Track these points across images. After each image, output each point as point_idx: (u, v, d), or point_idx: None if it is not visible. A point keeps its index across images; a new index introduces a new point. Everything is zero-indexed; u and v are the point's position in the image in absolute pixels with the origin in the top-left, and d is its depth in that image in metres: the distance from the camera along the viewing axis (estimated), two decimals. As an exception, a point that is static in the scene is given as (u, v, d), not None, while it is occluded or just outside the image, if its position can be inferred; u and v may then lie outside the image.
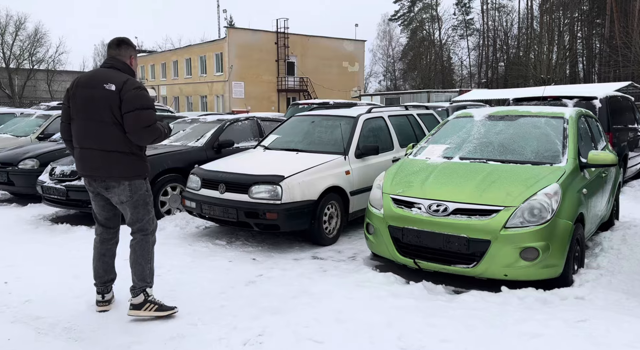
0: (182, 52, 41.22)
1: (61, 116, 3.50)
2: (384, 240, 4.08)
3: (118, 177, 3.27)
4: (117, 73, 3.30)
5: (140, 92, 3.26)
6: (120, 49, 3.39)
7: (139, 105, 3.21)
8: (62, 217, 6.49)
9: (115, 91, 3.19)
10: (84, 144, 3.28)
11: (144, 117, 3.21)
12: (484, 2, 57.84)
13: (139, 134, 3.21)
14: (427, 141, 5.03)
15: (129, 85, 3.22)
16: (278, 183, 4.87)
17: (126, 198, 3.31)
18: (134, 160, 3.31)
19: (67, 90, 3.38)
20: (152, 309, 3.28)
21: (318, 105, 11.09)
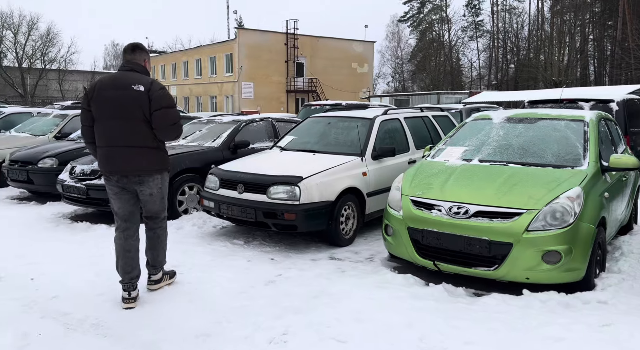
0: (192, 53, 41.45)
1: (82, 120, 3.63)
2: (403, 242, 4.10)
3: (150, 171, 3.55)
4: (139, 75, 3.55)
5: (166, 93, 3.57)
6: (135, 54, 3.64)
7: (165, 104, 3.49)
8: (81, 216, 6.57)
9: (144, 91, 3.45)
10: (114, 142, 3.48)
11: (171, 115, 3.51)
12: (494, 4, 57.74)
13: (165, 130, 3.51)
14: (445, 143, 5.04)
15: (155, 86, 3.52)
16: (296, 184, 4.90)
17: (157, 190, 3.63)
18: (161, 154, 3.62)
19: (86, 95, 3.54)
20: (166, 280, 3.91)
21: (331, 106, 11.12)
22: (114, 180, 3.56)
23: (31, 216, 6.36)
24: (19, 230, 5.66)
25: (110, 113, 3.46)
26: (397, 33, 63.13)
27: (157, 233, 3.78)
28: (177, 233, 5.62)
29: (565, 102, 7.93)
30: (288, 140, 6.29)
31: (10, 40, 46.79)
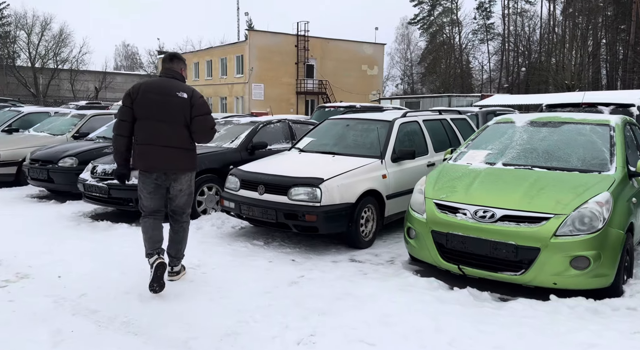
0: (203, 54, 41.65)
1: (121, 116, 3.91)
2: (427, 245, 4.09)
3: (185, 170, 3.94)
4: (181, 83, 3.94)
5: (205, 101, 3.99)
6: (173, 63, 3.98)
7: (205, 111, 3.90)
8: (101, 215, 6.62)
9: (187, 98, 3.83)
10: (157, 142, 3.81)
11: (209, 121, 3.92)
12: (505, 7, 57.54)
13: (204, 133, 3.91)
14: (467, 146, 5.03)
15: (196, 94, 3.92)
16: (317, 185, 4.91)
17: (187, 186, 4.00)
18: (194, 155, 4.00)
19: (129, 95, 3.88)
20: (183, 271, 4.19)
21: (345, 108, 11.12)
22: (152, 177, 3.88)
23: (52, 215, 6.41)
24: (41, 228, 5.72)
25: (155, 115, 3.80)
26: (406, 35, 63.07)
27: (183, 226, 4.12)
28: (197, 233, 5.65)
29: (584, 106, 7.88)
30: (307, 142, 6.30)
31: (24, 40, 47.42)
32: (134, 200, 5.92)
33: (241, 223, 6.10)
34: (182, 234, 4.11)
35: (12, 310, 3.41)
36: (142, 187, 3.93)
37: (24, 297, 3.63)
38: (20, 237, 5.32)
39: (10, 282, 3.95)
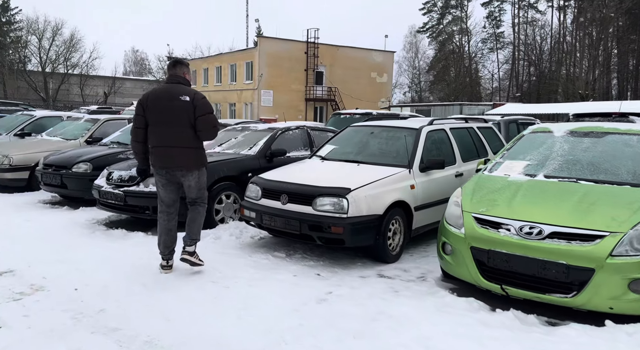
0: (212, 60, 41.68)
1: (135, 123, 4.36)
2: (465, 263, 3.84)
3: (191, 167, 4.29)
4: (184, 87, 4.28)
5: (207, 101, 4.33)
6: (176, 69, 4.37)
7: (207, 111, 4.25)
8: (115, 222, 6.42)
9: (190, 101, 4.19)
10: (166, 143, 4.22)
11: (211, 120, 4.28)
12: (515, 16, 57.36)
13: (207, 132, 4.26)
14: (503, 156, 4.79)
15: (198, 96, 4.27)
16: (344, 196, 4.68)
17: (195, 182, 4.37)
18: (201, 153, 4.36)
19: (140, 103, 4.32)
20: (198, 259, 4.40)
21: (361, 115, 10.91)
22: (163, 173, 4.32)
23: (65, 221, 6.22)
24: (55, 235, 5.52)
25: (164, 119, 4.22)
26: (414, 43, 62.96)
27: (198, 209, 4.47)
28: (215, 243, 5.44)
29: (614, 116, 7.63)
30: (329, 150, 6.08)
31: (35, 45, 47.69)
32: (151, 208, 5.72)
33: (260, 233, 5.87)
34: (197, 215, 4.46)
35: (28, 327, 3.20)
36: (156, 181, 4.43)
37: (40, 312, 3.41)
38: (34, 244, 5.13)
39: (25, 294, 3.74)
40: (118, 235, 5.69)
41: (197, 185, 4.38)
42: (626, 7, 39.34)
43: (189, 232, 4.43)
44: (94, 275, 4.17)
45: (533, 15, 56.94)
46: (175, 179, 4.32)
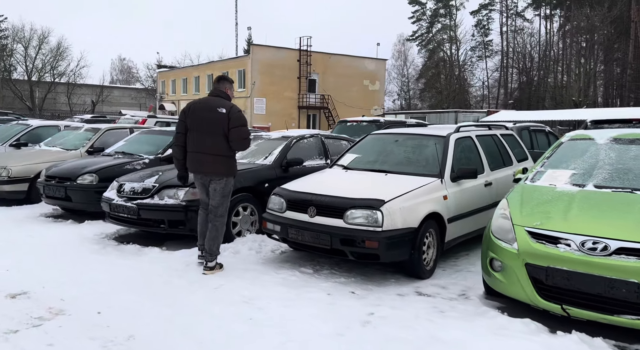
0: (204, 68, 41.36)
1: (177, 128, 4.86)
2: (519, 281, 3.58)
3: (220, 174, 4.65)
4: (223, 100, 4.70)
5: (241, 114, 4.71)
6: (219, 84, 4.82)
7: (240, 123, 4.63)
8: (125, 236, 6.07)
9: (226, 113, 4.59)
10: (203, 150, 4.63)
11: (243, 132, 4.65)
12: (504, 24, 58.02)
13: (239, 142, 4.63)
14: (544, 165, 4.57)
15: (234, 109, 4.66)
16: (378, 208, 4.42)
17: (220, 188, 4.67)
18: (231, 162, 4.72)
19: (184, 111, 4.80)
20: (218, 269, 4.67)
21: (368, 123, 10.69)
22: (198, 177, 4.75)
23: (72, 236, 5.85)
24: (64, 252, 5.17)
25: (200, 128, 4.64)
26: (403, 52, 63.29)
27: (216, 226, 4.69)
28: (235, 258, 5.16)
29: (634, 123, 7.50)
30: (350, 159, 5.81)
31: (21, 53, 46.91)
32: (167, 222, 5.40)
33: (280, 246, 5.58)
34: (215, 232, 4.67)
35: (54, 359, 2.87)
36: (195, 182, 4.85)
37: (65, 340, 3.09)
38: (43, 262, 4.77)
39: (45, 319, 3.41)
40: (131, 250, 5.35)
41: (221, 191, 4.66)
42: (614, 16, 39.93)
43: (209, 249, 4.66)
44: (115, 297, 3.85)
45: (521, 24, 57.78)
46: (206, 183, 4.72)
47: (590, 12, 39.58)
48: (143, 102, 55.31)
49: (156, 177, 5.70)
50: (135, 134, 8.45)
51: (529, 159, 6.93)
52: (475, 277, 4.76)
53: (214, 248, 4.67)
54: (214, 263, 4.67)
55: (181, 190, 5.47)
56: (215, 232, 4.68)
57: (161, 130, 8.63)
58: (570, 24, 50.20)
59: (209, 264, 4.64)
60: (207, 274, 4.57)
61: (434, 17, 61.39)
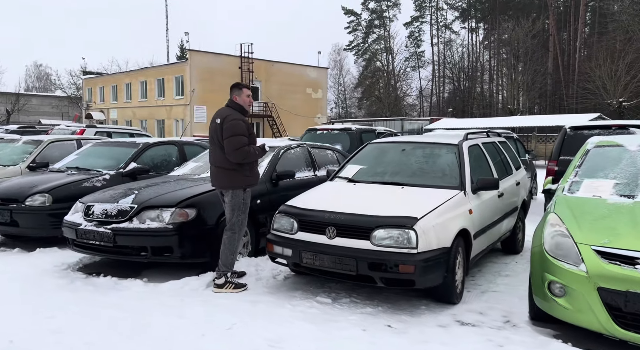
0: (136, 75, 39.23)
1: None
2: (590, 307, 3.18)
3: (224, 187, 4.49)
4: (226, 109, 4.56)
5: (233, 123, 4.40)
6: (231, 92, 4.65)
7: (230, 134, 4.36)
8: (90, 266, 5.13)
9: (220, 123, 4.45)
10: (210, 162, 4.63)
11: (233, 142, 4.35)
12: (434, 36, 60.23)
13: (232, 154, 4.37)
14: (577, 175, 4.28)
15: (228, 118, 4.43)
16: (411, 226, 3.90)
17: (229, 201, 4.47)
18: (232, 174, 4.44)
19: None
20: (231, 288, 4.37)
21: (339, 131, 10.18)
22: (217, 191, 4.65)
23: (28, 269, 4.82)
24: (25, 291, 4.20)
25: (209, 140, 4.65)
26: (339, 61, 63.93)
27: (225, 240, 4.44)
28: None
29: (614, 128, 7.57)
30: (354, 171, 5.26)
31: None
32: (150, 249, 4.57)
33: (280, 270, 4.93)
34: (224, 245, 4.44)
35: None
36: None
37: None
38: (3, 307, 3.79)
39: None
40: (107, 284, 4.46)
41: (230, 204, 4.45)
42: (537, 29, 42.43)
43: (219, 263, 4.46)
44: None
45: (449, 36, 60.26)
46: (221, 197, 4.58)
47: (516, 26, 41.86)
48: (66, 111, 51.53)
49: (133, 197, 4.84)
50: (88, 146, 7.41)
51: (521, 167, 6.73)
52: (507, 298, 4.38)
53: (222, 263, 4.42)
54: (223, 280, 4.40)
55: (166, 211, 4.66)
56: (223, 246, 4.44)
57: (119, 141, 7.66)
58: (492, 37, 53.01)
59: (216, 281, 4.41)
60: (217, 292, 4.33)
61: (369, 28, 62.60)
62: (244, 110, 4.60)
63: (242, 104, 4.57)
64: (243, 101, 4.58)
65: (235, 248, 4.47)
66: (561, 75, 46.37)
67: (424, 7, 60.93)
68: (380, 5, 60.91)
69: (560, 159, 7.86)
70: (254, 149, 4.46)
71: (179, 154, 7.67)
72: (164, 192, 4.96)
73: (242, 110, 4.57)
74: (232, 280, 4.45)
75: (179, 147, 7.73)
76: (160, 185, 5.25)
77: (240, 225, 4.48)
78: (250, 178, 4.51)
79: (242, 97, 4.58)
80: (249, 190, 4.57)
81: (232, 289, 4.35)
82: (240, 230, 4.49)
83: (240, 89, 4.61)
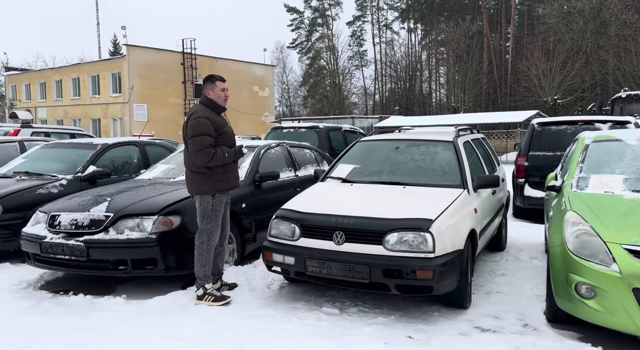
0: (67, 71, 36.73)
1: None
2: (624, 309, 3.06)
3: (192, 191, 4.09)
4: (195, 106, 4.11)
5: (196, 121, 3.94)
6: (203, 86, 4.17)
7: (191, 134, 3.93)
8: (53, 283, 4.53)
9: (185, 123, 4.05)
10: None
11: (195, 144, 3.91)
12: (375, 36, 61.15)
13: (195, 156, 3.93)
14: (582, 170, 4.22)
15: (191, 117, 3.99)
16: (427, 229, 3.66)
17: (197, 207, 4.05)
18: (200, 178, 4.00)
19: None
20: (210, 300, 3.99)
21: (307, 129, 9.84)
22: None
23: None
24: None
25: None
26: (281, 59, 63.41)
27: (195, 247, 4.04)
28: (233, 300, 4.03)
29: (580, 124, 7.78)
30: (347, 170, 4.96)
31: None
32: (130, 262, 4.04)
33: (273, 279, 4.56)
34: (194, 257, 4.05)
35: None
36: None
37: None
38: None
39: None
40: (81, 305, 3.90)
41: (198, 211, 4.04)
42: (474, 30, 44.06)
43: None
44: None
45: (390, 36, 61.42)
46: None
47: (454, 26, 43.26)
48: (-16, 111, 47.52)
49: (106, 204, 4.28)
50: (37, 148, 6.63)
51: (501, 163, 6.72)
52: (515, 299, 4.26)
53: (196, 272, 4.05)
54: (201, 291, 4.03)
55: (147, 220, 4.15)
56: (195, 253, 4.04)
57: (72, 143, 6.96)
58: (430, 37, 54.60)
59: (197, 293, 4.05)
60: (198, 304, 3.98)
61: (312, 26, 62.50)
62: (217, 107, 4.09)
63: (215, 100, 4.06)
64: (217, 96, 4.06)
65: (206, 259, 4.05)
66: (495, 74, 48.45)
67: (365, 6, 61.63)
68: (323, 3, 60.96)
69: (530, 155, 8.01)
70: (223, 151, 3.97)
71: (141, 155, 7.05)
72: (141, 199, 4.42)
73: (214, 107, 4.07)
74: (212, 292, 4.05)
75: (140, 148, 7.10)
76: (135, 191, 4.70)
77: (209, 233, 4.03)
78: (222, 183, 4.03)
79: (215, 91, 4.06)
80: (221, 196, 4.07)
81: (211, 302, 3.97)
82: (209, 238, 4.03)
83: (213, 82, 4.08)
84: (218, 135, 4.01)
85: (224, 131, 4.07)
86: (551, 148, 7.73)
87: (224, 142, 4.07)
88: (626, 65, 27.54)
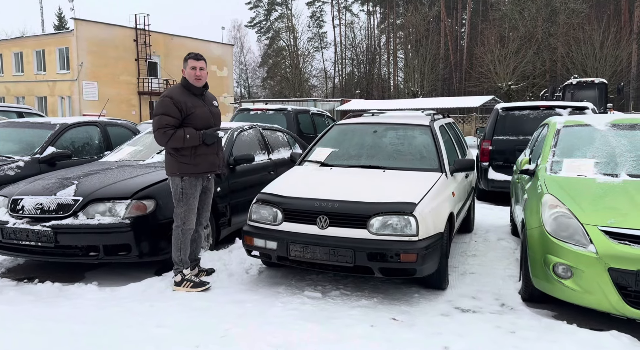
0: (8, 45, 34.50)
1: None
2: (600, 288, 3.19)
3: (167, 172, 3.99)
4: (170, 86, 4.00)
5: (159, 101, 3.93)
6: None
7: (156, 112, 3.91)
8: (15, 270, 4.29)
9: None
10: None
11: (155, 122, 3.87)
12: (335, 17, 60.78)
13: (155, 135, 3.89)
14: (554, 154, 4.35)
15: (161, 95, 3.96)
16: (411, 213, 3.68)
17: (171, 189, 3.95)
18: (169, 159, 3.95)
19: None
20: (189, 286, 3.91)
21: (275, 111, 9.65)
22: None
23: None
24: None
25: None
26: (239, 38, 62.03)
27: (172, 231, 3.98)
28: (214, 286, 3.94)
29: (542, 109, 8.02)
30: (325, 154, 4.90)
31: None
32: (102, 248, 3.85)
33: (251, 263, 4.49)
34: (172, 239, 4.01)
35: None
36: None
37: None
38: None
39: None
40: (51, 293, 3.69)
41: (173, 194, 3.95)
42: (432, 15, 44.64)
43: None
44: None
45: (350, 18, 61.19)
46: None
47: (414, 10, 43.62)
48: None
49: (74, 188, 4.04)
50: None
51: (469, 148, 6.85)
52: (489, 280, 4.37)
53: (175, 259, 3.98)
54: (179, 278, 3.95)
55: (120, 204, 3.96)
56: (172, 241, 3.99)
57: (28, 121, 6.51)
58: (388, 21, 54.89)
59: (174, 279, 3.99)
60: (175, 291, 3.90)
61: (271, 5, 61.30)
62: (189, 86, 3.97)
63: (187, 77, 3.96)
64: (188, 75, 3.96)
65: (182, 243, 3.95)
66: (451, 59, 49.40)
67: (325, -13, 60.98)
68: (282, -19, 59.85)
69: (494, 139, 8.20)
70: (185, 133, 3.80)
71: (102, 136, 6.72)
72: (111, 182, 4.21)
73: (188, 87, 3.96)
74: (190, 278, 3.96)
75: (101, 129, 6.77)
76: (103, 173, 4.47)
77: (182, 217, 3.91)
78: (189, 166, 3.88)
79: (187, 69, 3.96)
80: (192, 179, 3.91)
81: (189, 288, 3.90)
82: (184, 223, 3.91)
83: (186, 60, 4.00)
84: (186, 116, 3.85)
85: (192, 112, 3.88)
86: (514, 132, 7.96)
87: (192, 124, 3.88)
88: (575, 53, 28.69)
